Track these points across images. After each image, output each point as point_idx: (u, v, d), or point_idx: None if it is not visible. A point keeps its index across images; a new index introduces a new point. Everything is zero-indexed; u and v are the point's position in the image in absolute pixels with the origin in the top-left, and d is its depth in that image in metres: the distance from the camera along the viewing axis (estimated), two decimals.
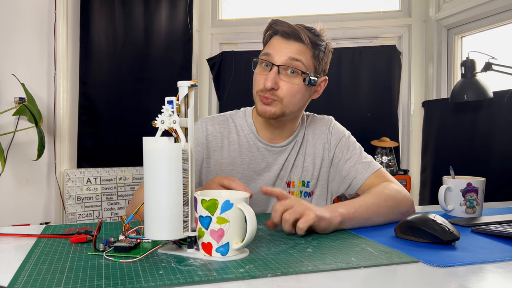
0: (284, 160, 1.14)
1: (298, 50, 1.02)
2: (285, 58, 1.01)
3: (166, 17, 2.68)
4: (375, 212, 0.90)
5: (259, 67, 1.06)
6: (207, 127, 1.14)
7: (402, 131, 2.69)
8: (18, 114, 2.23)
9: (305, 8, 2.84)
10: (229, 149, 1.13)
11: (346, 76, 2.66)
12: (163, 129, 0.64)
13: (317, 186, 1.17)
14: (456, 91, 1.93)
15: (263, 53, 1.06)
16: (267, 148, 1.13)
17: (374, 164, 1.11)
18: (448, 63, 2.54)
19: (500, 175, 1.85)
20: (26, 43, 2.35)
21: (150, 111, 2.10)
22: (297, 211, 0.78)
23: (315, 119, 1.20)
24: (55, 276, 0.56)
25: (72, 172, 2.42)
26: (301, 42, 1.02)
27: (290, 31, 1.02)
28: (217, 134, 1.14)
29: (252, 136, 1.14)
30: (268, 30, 1.07)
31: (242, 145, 1.13)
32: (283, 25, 1.03)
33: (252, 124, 1.14)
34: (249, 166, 1.13)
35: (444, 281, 0.57)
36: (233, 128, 1.15)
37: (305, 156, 1.16)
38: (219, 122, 1.16)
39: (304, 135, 1.17)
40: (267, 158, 1.13)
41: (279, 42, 1.03)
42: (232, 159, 1.13)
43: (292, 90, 1.02)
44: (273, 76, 1.00)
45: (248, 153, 1.13)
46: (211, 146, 1.13)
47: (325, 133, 1.17)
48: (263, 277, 0.57)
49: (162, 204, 0.62)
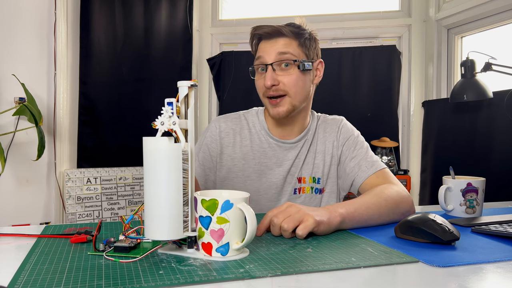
0: (295, 156, 1.16)
1: (284, 44, 1.07)
2: (274, 55, 1.07)
3: (166, 17, 2.68)
4: (375, 212, 0.90)
5: (257, 74, 1.13)
6: (220, 124, 1.19)
7: (402, 131, 2.69)
8: (18, 114, 2.23)
9: (305, 8, 2.84)
10: (241, 145, 1.17)
11: (346, 76, 2.66)
12: (163, 130, 0.64)
13: (328, 183, 1.18)
14: (456, 91, 1.93)
15: (256, 59, 1.12)
16: (278, 144, 1.16)
17: (378, 163, 1.12)
18: (448, 63, 2.54)
19: (500, 175, 1.85)
20: (26, 43, 2.35)
21: (150, 111, 2.10)
22: (295, 218, 0.78)
23: (327, 119, 1.23)
24: (55, 276, 0.56)
25: (72, 172, 2.42)
26: (284, 36, 1.08)
27: (271, 30, 1.08)
28: (230, 131, 1.18)
29: (263, 132, 1.18)
30: (253, 39, 1.14)
31: (253, 141, 1.18)
32: (263, 28, 1.09)
33: (263, 121, 1.19)
34: (261, 161, 1.16)
35: (444, 281, 0.57)
36: (245, 125, 1.20)
37: (315, 154, 1.18)
38: (231, 119, 1.21)
39: (315, 133, 1.20)
40: (278, 154, 1.16)
41: (265, 44, 1.10)
42: (244, 154, 1.16)
43: (292, 80, 1.07)
44: (270, 74, 1.06)
45: (260, 149, 1.17)
46: (224, 142, 1.17)
47: (335, 131, 1.20)
48: (263, 277, 0.57)
49: (162, 204, 0.62)
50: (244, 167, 1.16)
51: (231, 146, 1.17)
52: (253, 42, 1.14)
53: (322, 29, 2.73)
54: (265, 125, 1.18)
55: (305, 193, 1.17)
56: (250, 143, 1.17)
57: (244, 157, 1.16)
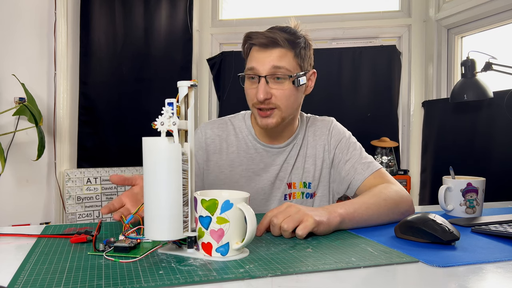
0: (282, 161, 1.14)
1: (279, 56, 1.03)
2: (268, 67, 1.02)
3: (166, 17, 2.68)
4: (375, 212, 0.90)
5: (248, 82, 1.08)
6: (206, 131, 1.17)
7: (402, 131, 2.69)
8: (18, 114, 2.23)
9: (305, 8, 2.84)
10: (228, 152, 1.15)
11: (346, 76, 2.66)
12: (164, 130, 0.64)
13: (319, 187, 1.17)
14: (456, 91, 1.93)
15: (248, 68, 1.07)
16: (266, 149, 1.14)
17: (374, 164, 1.11)
18: (448, 63, 2.54)
19: (500, 175, 1.85)
20: (26, 43, 2.35)
21: (150, 111, 2.10)
22: (295, 218, 0.77)
23: (316, 121, 1.21)
24: (55, 276, 0.56)
25: (72, 172, 2.42)
26: (280, 47, 1.03)
27: (267, 40, 1.03)
28: (216, 138, 1.16)
29: (250, 138, 1.15)
30: (246, 43, 1.09)
31: (240, 147, 1.15)
32: (258, 36, 1.04)
33: (250, 126, 1.16)
34: (248, 167, 1.14)
35: (444, 281, 0.57)
36: (231, 131, 1.17)
37: (305, 158, 1.16)
38: (218, 125, 1.18)
39: (304, 136, 1.17)
40: (265, 159, 1.14)
41: (259, 53, 1.04)
42: (231, 161, 1.14)
43: (285, 94, 1.04)
44: (263, 87, 1.02)
45: (246, 155, 1.14)
46: (210, 149, 1.15)
47: (326, 134, 1.17)
48: (263, 277, 0.57)
49: (162, 204, 0.62)
50: (231, 174, 1.13)
51: (217, 153, 1.15)
52: (245, 46, 1.10)
53: (322, 29, 2.74)
54: (252, 130, 1.15)
55: (295, 199, 1.14)
56: (237, 149, 1.15)
57: (231, 164, 1.14)
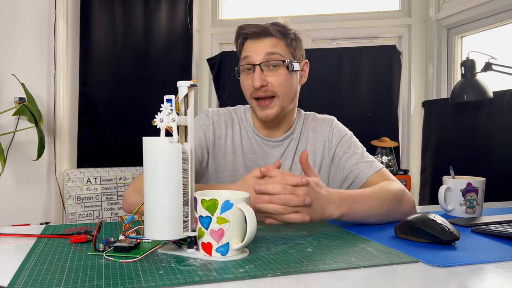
0: (280, 154, 1.16)
1: (272, 44, 1.06)
2: (262, 55, 1.05)
3: (166, 17, 2.68)
4: (379, 205, 0.90)
5: (243, 74, 1.11)
6: (212, 116, 1.18)
7: (402, 131, 2.69)
8: (18, 114, 2.23)
9: (305, 8, 2.84)
10: (233, 138, 1.17)
11: (346, 76, 2.66)
12: (164, 127, 0.64)
13: None
14: (456, 91, 1.93)
15: (242, 58, 1.10)
16: (264, 142, 1.16)
17: (376, 163, 1.12)
18: (448, 63, 2.54)
19: (500, 175, 1.85)
20: (26, 43, 2.35)
21: (150, 111, 2.08)
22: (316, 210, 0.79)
23: (317, 118, 1.22)
24: (55, 276, 0.56)
25: (72, 172, 2.42)
26: (272, 36, 1.07)
27: (259, 30, 1.07)
28: (222, 123, 1.18)
29: (250, 129, 1.18)
30: (239, 38, 1.12)
31: (243, 136, 1.17)
32: (250, 27, 1.08)
33: (250, 119, 1.18)
34: (249, 156, 1.16)
35: (444, 281, 0.57)
36: (236, 119, 1.19)
37: None
38: (223, 113, 1.20)
39: (302, 132, 1.19)
40: (264, 151, 1.16)
41: (252, 43, 1.08)
42: (235, 148, 1.16)
43: (281, 80, 1.06)
44: (258, 74, 1.05)
45: (248, 144, 1.17)
46: (216, 133, 1.16)
47: (326, 131, 1.18)
48: (263, 277, 0.57)
49: (162, 204, 0.62)
50: (234, 161, 1.15)
51: (223, 138, 1.16)
52: (238, 41, 1.13)
53: (322, 29, 2.74)
54: (251, 123, 1.18)
55: None
56: (240, 137, 1.17)
57: (234, 150, 1.16)
